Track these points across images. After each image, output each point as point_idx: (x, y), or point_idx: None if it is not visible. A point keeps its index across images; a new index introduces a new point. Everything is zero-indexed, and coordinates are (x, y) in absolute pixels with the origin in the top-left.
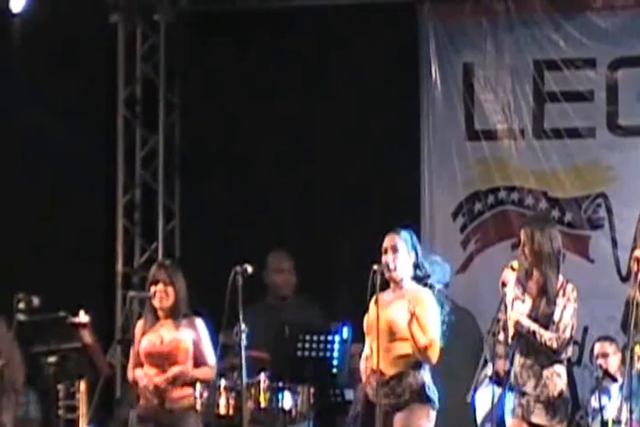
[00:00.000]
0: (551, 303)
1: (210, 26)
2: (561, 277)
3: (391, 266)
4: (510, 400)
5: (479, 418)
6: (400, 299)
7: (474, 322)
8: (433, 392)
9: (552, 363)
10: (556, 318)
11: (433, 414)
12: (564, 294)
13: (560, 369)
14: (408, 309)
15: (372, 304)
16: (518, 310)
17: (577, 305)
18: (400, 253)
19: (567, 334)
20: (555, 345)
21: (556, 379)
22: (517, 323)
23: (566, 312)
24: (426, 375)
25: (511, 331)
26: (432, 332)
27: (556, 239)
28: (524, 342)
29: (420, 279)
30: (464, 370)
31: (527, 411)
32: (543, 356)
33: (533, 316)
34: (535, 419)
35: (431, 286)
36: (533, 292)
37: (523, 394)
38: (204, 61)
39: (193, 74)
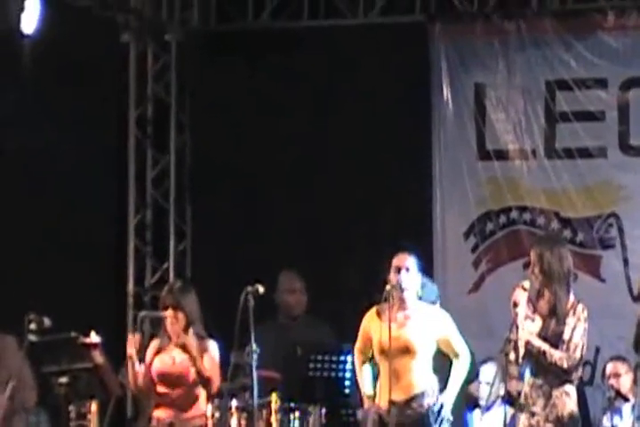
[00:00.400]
0: (561, 323)
1: (220, 45)
2: (572, 297)
3: (404, 285)
4: (520, 421)
5: None
6: (411, 318)
7: None
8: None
9: (562, 383)
10: (566, 337)
11: None
12: (574, 314)
13: (570, 389)
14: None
15: (373, 323)
16: (528, 330)
17: (587, 325)
18: (411, 272)
19: (578, 354)
20: (565, 365)
21: (566, 399)
22: (528, 343)
23: (576, 332)
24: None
25: (522, 351)
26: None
27: (567, 259)
28: (534, 362)
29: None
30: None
31: None
32: (553, 376)
33: (543, 335)
34: None
35: None
36: (544, 311)
37: (532, 414)
38: (215, 81)
39: (203, 93)
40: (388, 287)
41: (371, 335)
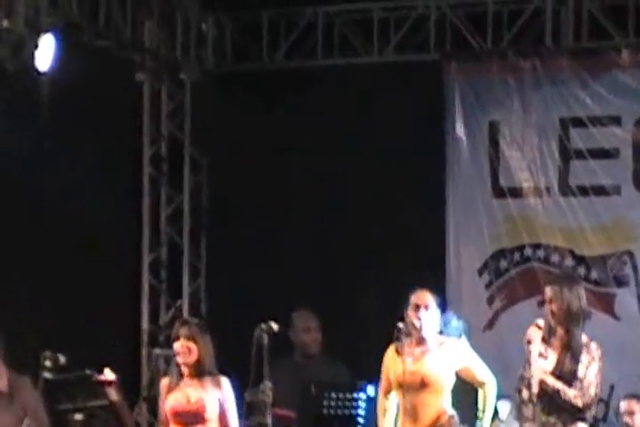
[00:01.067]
0: (575, 361)
1: (235, 84)
2: (584, 336)
3: (422, 324)
4: None
5: None
6: (428, 352)
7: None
8: None
9: (575, 421)
10: (580, 375)
11: None
12: (588, 352)
13: (582, 425)
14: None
15: (392, 362)
16: (542, 368)
17: (601, 364)
18: (430, 310)
19: (592, 392)
20: (580, 403)
21: None
22: (542, 382)
23: (591, 370)
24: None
25: (535, 389)
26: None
27: (583, 297)
28: (547, 400)
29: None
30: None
31: None
32: (567, 414)
33: (557, 373)
34: None
35: None
36: (557, 349)
37: None
38: (230, 120)
39: (219, 132)
40: (400, 325)
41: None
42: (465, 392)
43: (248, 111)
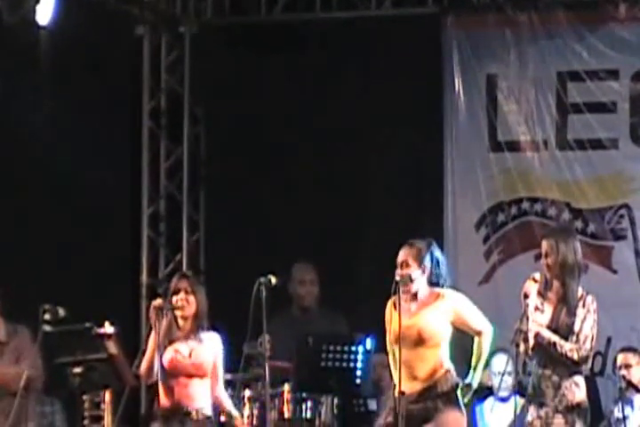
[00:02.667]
0: (571, 314)
1: (234, 37)
2: (580, 289)
3: (405, 279)
4: (529, 413)
5: None
6: (423, 307)
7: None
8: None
9: (571, 374)
10: (576, 328)
11: (464, 420)
12: (583, 306)
13: (579, 380)
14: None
15: (390, 313)
16: (538, 321)
17: (597, 316)
18: (412, 267)
19: (588, 346)
20: (575, 356)
21: (575, 389)
22: (538, 334)
23: (586, 323)
24: (454, 379)
25: (531, 342)
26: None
27: (579, 251)
28: (543, 353)
29: (435, 283)
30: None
31: (546, 422)
32: (562, 367)
33: (553, 327)
34: None
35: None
36: (553, 302)
37: (541, 405)
38: (229, 72)
39: (218, 85)
40: (397, 278)
41: None
42: (463, 346)
43: (246, 64)
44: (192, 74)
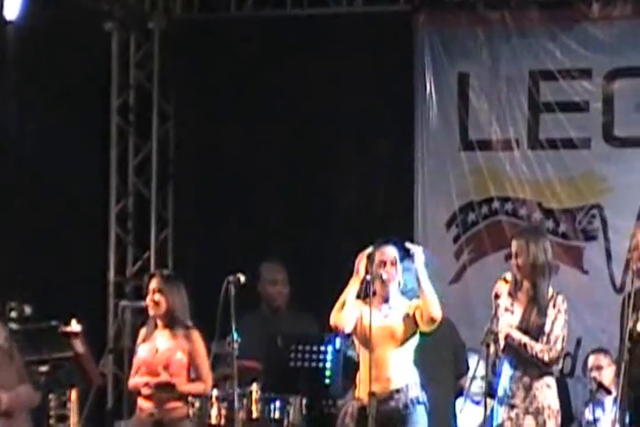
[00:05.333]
0: (542, 315)
1: (203, 33)
2: (550, 289)
3: (390, 278)
4: (499, 415)
5: None
6: (394, 310)
7: (453, 330)
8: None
9: (542, 375)
10: (546, 329)
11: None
12: (554, 306)
13: (550, 381)
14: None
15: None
16: (508, 322)
17: (567, 317)
18: (398, 266)
19: (558, 347)
20: (546, 357)
21: (547, 391)
22: (508, 336)
23: (557, 324)
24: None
25: (501, 343)
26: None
27: (549, 251)
28: (514, 354)
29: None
30: (442, 379)
31: (517, 424)
32: (533, 368)
33: (523, 327)
34: None
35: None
36: (523, 303)
37: (512, 407)
38: (198, 69)
39: (187, 81)
40: (368, 278)
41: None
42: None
43: (216, 61)
44: (161, 70)
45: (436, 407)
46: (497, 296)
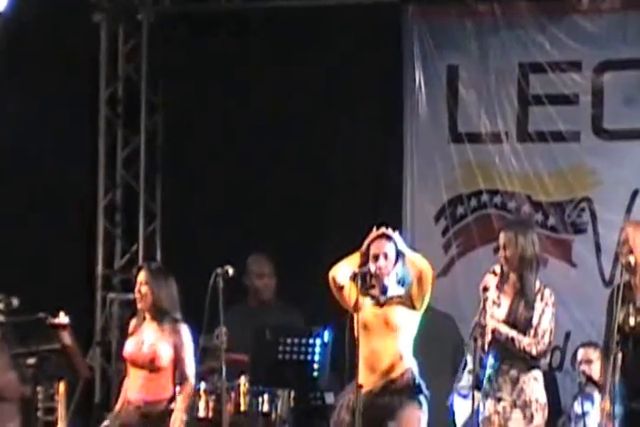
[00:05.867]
0: (530, 308)
1: (192, 25)
2: (538, 282)
3: (381, 272)
4: (486, 408)
5: (459, 424)
6: (392, 300)
7: (453, 326)
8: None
9: (530, 368)
10: (534, 322)
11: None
12: (541, 299)
13: (538, 374)
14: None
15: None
16: (495, 316)
17: (555, 310)
18: (390, 259)
19: (546, 340)
20: (534, 351)
21: (534, 384)
22: (495, 330)
23: (545, 317)
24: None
25: (488, 337)
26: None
27: (537, 243)
28: (501, 348)
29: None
30: (441, 374)
31: (504, 417)
32: (520, 361)
33: (511, 320)
34: (512, 425)
35: None
36: (510, 296)
37: (499, 400)
38: (188, 61)
39: (176, 74)
40: (356, 271)
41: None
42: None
43: (205, 53)
44: (150, 62)
45: (435, 401)
46: (485, 289)
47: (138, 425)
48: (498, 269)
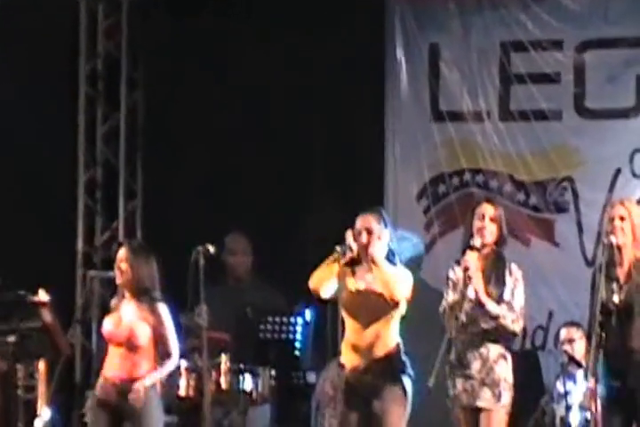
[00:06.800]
0: (501, 284)
1: (172, 4)
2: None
3: (363, 247)
4: (455, 386)
5: None
6: (378, 278)
7: None
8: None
9: (499, 347)
10: (506, 298)
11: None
12: (510, 274)
13: (507, 353)
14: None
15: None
16: (468, 294)
17: (523, 285)
18: (374, 234)
19: (522, 316)
20: (517, 328)
21: (503, 362)
22: (482, 306)
23: (517, 292)
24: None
25: (463, 316)
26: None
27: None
28: (473, 325)
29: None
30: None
31: (472, 396)
32: (490, 339)
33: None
34: (481, 403)
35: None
36: (481, 271)
37: (467, 378)
38: (167, 38)
39: (156, 51)
40: (337, 248)
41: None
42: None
43: (185, 30)
44: (129, 39)
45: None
46: (467, 269)
47: (115, 402)
48: (477, 242)
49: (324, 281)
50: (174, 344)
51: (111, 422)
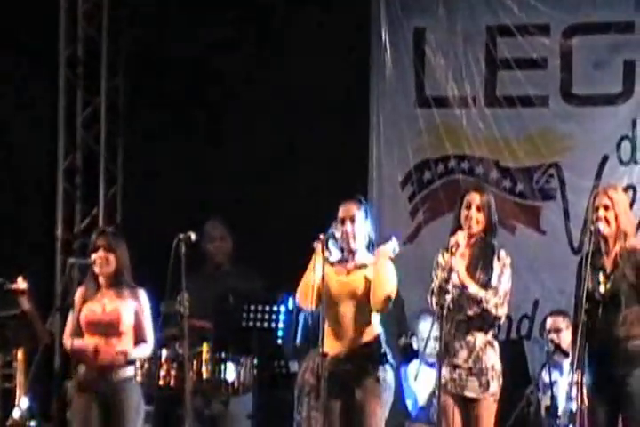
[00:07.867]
0: (488, 269)
1: None
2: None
3: (349, 237)
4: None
5: (426, 393)
6: (360, 268)
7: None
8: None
9: (486, 334)
10: (493, 283)
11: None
12: (498, 260)
13: (493, 340)
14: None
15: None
16: (453, 277)
17: (511, 271)
18: (357, 223)
19: (506, 301)
20: (501, 312)
21: (490, 350)
22: (465, 288)
23: (504, 278)
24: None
25: (448, 297)
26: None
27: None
28: (458, 311)
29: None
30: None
31: (460, 385)
32: (477, 327)
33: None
34: (469, 393)
35: None
36: (467, 257)
37: (454, 367)
38: (149, 23)
39: (137, 35)
40: (321, 236)
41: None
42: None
43: (167, 14)
44: (110, 22)
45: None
46: (457, 245)
47: (96, 388)
48: (465, 232)
49: (309, 296)
50: (150, 331)
51: (93, 409)
